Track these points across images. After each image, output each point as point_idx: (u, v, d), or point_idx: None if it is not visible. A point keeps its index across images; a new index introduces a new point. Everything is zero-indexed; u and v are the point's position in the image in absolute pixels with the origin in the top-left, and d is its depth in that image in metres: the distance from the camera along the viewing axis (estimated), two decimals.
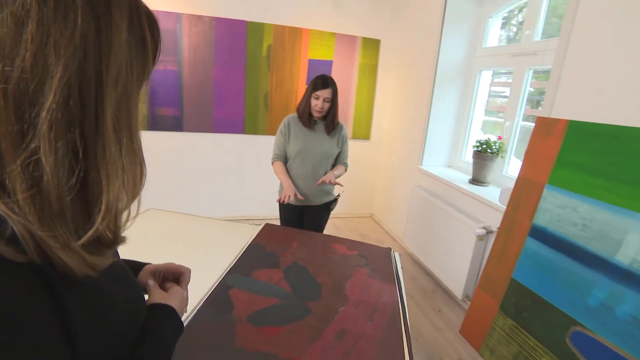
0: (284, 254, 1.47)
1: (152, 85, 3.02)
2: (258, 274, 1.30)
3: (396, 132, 3.45)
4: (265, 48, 3.17)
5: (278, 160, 1.96)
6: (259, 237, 1.61)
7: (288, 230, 1.74)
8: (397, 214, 3.38)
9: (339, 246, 1.60)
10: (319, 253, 1.51)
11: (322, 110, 1.81)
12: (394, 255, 1.58)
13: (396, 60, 3.46)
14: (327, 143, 1.91)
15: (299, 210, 2.02)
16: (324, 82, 1.78)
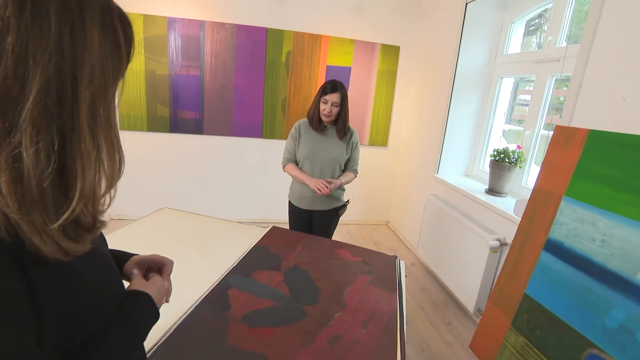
0: (286, 256, 1.48)
1: (175, 89, 3.13)
2: (258, 275, 1.31)
3: (413, 139, 3.40)
4: (285, 54, 3.23)
5: (289, 163, 1.97)
6: (265, 240, 1.62)
7: (294, 234, 1.74)
8: (412, 223, 3.32)
9: (344, 252, 1.59)
10: (322, 258, 1.51)
11: (331, 114, 1.82)
12: (398, 264, 1.55)
13: (415, 67, 3.42)
14: (337, 148, 1.90)
15: (307, 214, 2.02)
16: (332, 87, 1.79)
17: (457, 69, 2.64)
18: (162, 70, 3.07)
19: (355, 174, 2.02)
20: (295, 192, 2.01)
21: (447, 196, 2.68)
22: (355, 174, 2.02)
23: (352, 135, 1.95)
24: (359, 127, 3.54)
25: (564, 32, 2.00)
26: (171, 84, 3.12)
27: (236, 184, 3.50)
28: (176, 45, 3.03)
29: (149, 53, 3.01)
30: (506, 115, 2.65)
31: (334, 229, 2.09)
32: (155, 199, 3.38)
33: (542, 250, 1.59)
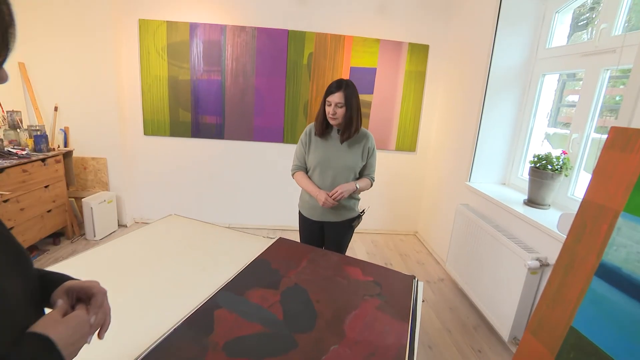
0: (288, 273, 1.34)
1: (196, 95, 3.13)
2: (252, 294, 1.18)
3: (443, 144, 3.14)
4: (307, 56, 3.12)
5: (299, 171, 1.84)
6: (268, 252, 1.49)
7: (301, 247, 1.60)
8: (441, 234, 3.06)
9: (353, 269, 1.42)
10: (327, 275, 1.35)
11: (336, 116, 1.65)
12: (415, 286, 1.35)
13: (446, 66, 3.17)
14: (350, 155, 1.73)
15: (319, 226, 1.87)
16: (336, 86, 1.63)
17: (491, 67, 2.39)
18: (184, 76, 3.08)
19: (372, 181, 1.84)
20: (305, 202, 1.87)
21: (480, 207, 2.41)
22: (372, 181, 1.84)
23: (368, 140, 1.77)
24: (385, 131, 3.34)
25: (621, 18, 1.71)
26: (193, 89, 3.12)
27: (256, 190, 3.42)
28: (198, 51, 3.03)
29: (172, 59, 3.03)
30: (550, 117, 2.34)
31: (348, 242, 1.92)
32: (176, 203, 3.40)
33: (594, 275, 1.33)
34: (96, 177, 3.12)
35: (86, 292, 0.56)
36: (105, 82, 2.92)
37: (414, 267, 2.94)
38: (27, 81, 2.84)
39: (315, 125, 1.75)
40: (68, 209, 2.84)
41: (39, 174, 2.49)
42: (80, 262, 1.33)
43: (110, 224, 3.08)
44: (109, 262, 1.35)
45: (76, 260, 1.34)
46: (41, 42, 2.82)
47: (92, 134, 3.02)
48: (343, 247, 1.90)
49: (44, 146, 2.59)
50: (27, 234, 2.44)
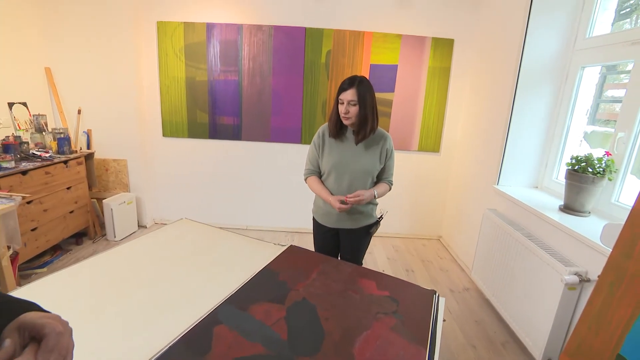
0: (296, 285, 1.25)
1: (213, 95, 3.11)
2: (256, 308, 1.10)
3: (470, 144, 2.95)
4: (325, 54, 3.02)
5: (312, 175, 1.74)
6: (276, 262, 1.41)
7: (313, 256, 1.51)
8: (467, 240, 2.88)
9: (368, 282, 1.31)
10: (338, 289, 1.25)
11: (349, 115, 1.54)
12: (436, 302, 1.23)
13: (473, 62, 2.98)
14: (367, 157, 1.62)
15: (334, 233, 1.77)
16: (348, 82, 1.52)
17: (522, 60, 2.20)
18: (201, 77, 3.06)
19: (389, 185, 1.71)
20: (319, 208, 1.77)
21: (510, 212, 2.23)
22: (390, 185, 1.72)
23: (386, 141, 1.65)
24: (407, 131, 3.19)
25: None
26: (210, 90, 3.10)
27: (274, 191, 3.37)
28: (215, 51, 3.00)
29: (189, 60, 3.02)
30: (589, 114, 2.12)
31: (365, 250, 1.81)
32: (195, 204, 3.40)
33: None
34: (117, 178, 3.16)
35: (38, 331, 0.48)
36: (125, 84, 2.95)
37: (437, 275, 2.78)
38: (53, 85, 2.91)
39: (329, 125, 1.65)
40: (90, 210, 2.90)
41: (61, 176, 2.54)
42: (79, 270, 1.30)
43: (130, 224, 3.12)
44: (109, 270, 1.31)
45: (77, 268, 1.31)
46: (66, 47, 2.89)
47: (113, 136, 3.07)
48: (360, 255, 1.80)
49: (67, 148, 2.65)
50: (50, 234, 2.49)
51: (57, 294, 1.14)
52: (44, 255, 2.59)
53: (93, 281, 1.23)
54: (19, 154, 2.38)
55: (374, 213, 1.76)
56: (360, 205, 1.65)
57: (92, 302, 1.10)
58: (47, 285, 1.18)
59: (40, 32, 2.85)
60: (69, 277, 1.24)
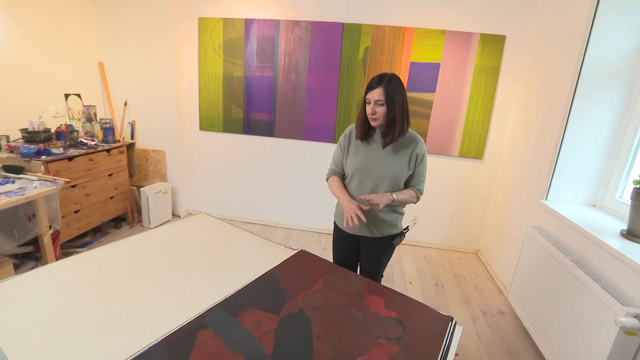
0: (296, 294, 1.16)
1: (249, 91, 3.12)
2: (247, 316, 1.03)
3: (517, 151, 2.65)
4: (362, 51, 2.90)
5: (333, 176, 1.65)
6: (281, 267, 1.34)
7: (321, 264, 1.41)
8: (507, 258, 2.60)
9: (375, 299, 1.19)
10: (341, 303, 1.14)
11: (376, 116, 1.42)
12: (451, 330, 1.07)
13: (525, 61, 2.68)
14: (394, 162, 1.48)
15: (354, 240, 1.65)
16: (376, 81, 1.39)
17: (585, 59, 1.90)
18: (238, 72, 3.09)
19: (418, 194, 1.55)
20: (340, 212, 1.67)
21: (558, 232, 1.95)
22: (419, 194, 1.55)
23: (417, 145, 1.50)
24: (447, 135, 2.96)
25: None
26: (246, 86, 3.12)
27: (304, 190, 3.32)
28: (252, 47, 3.01)
29: (227, 56, 3.06)
30: None
31: (386, 262, 1.67)
32: (226, 198, 3.47)
33: None
34: (156, 168, 3.31)
35: None
36: (167, 79, 3.06)
37: (469, 292, 2.54)
38: (104, 79, 3.11)
39: (356, 126, 1.54)
40: (129, 197, 3.06)
41: (103, 163, 2.70)
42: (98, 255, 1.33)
43: (165, 213, 3.25)
44: (118, 260, 1.33)
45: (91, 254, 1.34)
46: (117, 42, 3.07)
47: (154, 128, 3.21)
48: (380, 267, 1.66)
49: (111, 137, 2.81)
50: (92, 217, 2.66)
51: None
52: (85, 235, 2.77)
53: (90, 273, 1.24)
54: (68, 141, 2.56)
55: (399, 223, 1.61)
56: (383, 213, 1.52)
57: (84, 297, 1.11)
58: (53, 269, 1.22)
59: (95, 28, 3.05)
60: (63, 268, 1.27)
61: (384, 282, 2.58)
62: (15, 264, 2.12)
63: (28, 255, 2.26)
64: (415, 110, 2.95)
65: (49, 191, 2.02)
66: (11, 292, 1.08)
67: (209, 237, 1.59)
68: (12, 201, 1.80)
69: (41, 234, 2.08)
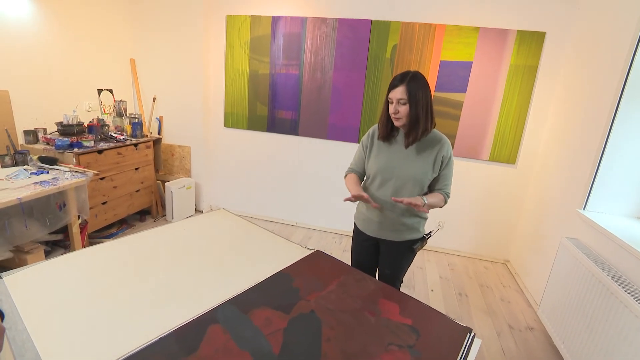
0: (309, 295, 1.16)
1: (274, 89, 3.16)
2: (258, 313, 1.04)
3: (554, 156, 2.52)
4: (390, 49, 2.86)
5: (351, 173, 1.63)
6: (295, 267, 1.34)
7: (337, 265, 1.41)
8: (538, 270, 2.47)
9: (390, 305, 1.17)
10: (354, 306, 1.13)
11: (399, 115, 1.39)
12: (468, 344, 1.03)
13: (567, 59, 2.53)
14: (418, 163, 1.44)
15: (374, 243, 1.63)
16: (399, 79, 1.36)
17: (634, 60, 1.78)
18: (263, 70, 3.14)
19: (446, 197, 1.50)
20: (360, 213, 1.66)
21: (597, 245, 1.83)
22: (446, 197, 1.50)
23: (442, 147, 1.45)
24: (478, 137, 2.86)
25: None
26: (271, 84, 3.16)
27: (327, 190, 3.31)
28: (278, 44, 3.05)
29: (254, 53, 3.11)
30: None
31: (406, 267, 1.63)
32: (248, 195, 3.53)
33: None
34: (181, 163, 3.42)
35: None
36: (194, 75, 3.16)
37: (496, 305, 2.44)
38: (135, 75, 3.26)
39: (379, 126, 1.52)
40: (154, 191, 3.18)
41: (130, 157, 2.82)
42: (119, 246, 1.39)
43: (188, 208, 3.35)
44: (139, 250, 1.38)
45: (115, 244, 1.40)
46: (147, 39, 3.21)
47: (180, 124, 3.32)
48: (399, 273, 1.63)
49: (139, 132, 2.93)
50: (118, 209, 2.79)
51: None
52: (112, 227, 2.91)
53: (112, 262, 1.30)
54: (99, 135, 2.71)
55: (421, 227, 1.57)
56: (403, 216, 1.49)
57: (104, 284, 1.16)
58: None
59: (127, 24, 3.20)
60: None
61: (404, 289, 2.53)
62: (46, 250, 2.26)
63: (58, 243, 2.40)
64: (444, 111, 2.87)
65: (79, 182, 2.14)
66: (41, 275, 1.15)
67: (226, 233, 1.62)
68: (45, 190, 1.92)
69: (70, 223, 2.20)
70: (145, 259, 1.32)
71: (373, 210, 1.55)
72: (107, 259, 1.30)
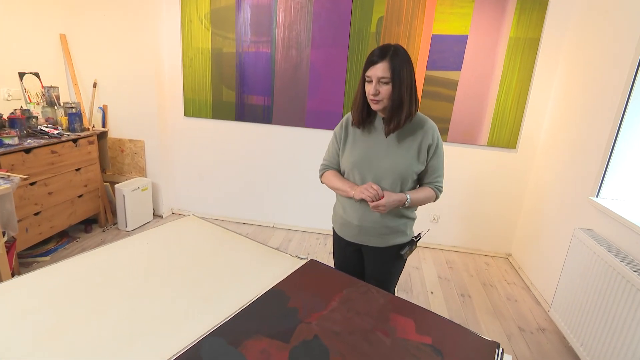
0: (309, 315, 1.08)
1: (242, 70, 3.02)
2: (251, 345, 0.95)
3: (561, 139, 2.57)
4: (375, 22, 2.80)
5: (328, 170, 1.57)
6: (289, 282, 1.26)
7: (336, 277, 1.33)
8: (547, 263, 2.53)
9: (404, 321, 1.11)
10: (364, 326, 1.06)
11: (380, 97, 1.29)
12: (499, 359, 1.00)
13: (573, 30, 2.57)
14: (399, 153, 1.37)
15: (357, 249, 1.57)
16: (378, 54, 1.26)
17: None
18: (228, 48, 2.99)
19: (437, 192, 1.45)
20: (337, 216, 1.58)
21: (615, 236, 1.87)
22: (438, 191, 1.45)
23: (427, 132, 1.37)
24: (475, 120, 2.88)
25: None
26: (238, 64, 3.02)
27: (308, 186, 3.24)
28: (245, 17, 2.91)
29: (216, 28, 2.95)
30: None
31: (396, 278, 1.58)
32: (217, 195, 3.41)
33: None
34: (133, 161, 3.22)
35: None
36: (143, 54, 2.96)
37: (502, 305, 2.48)
38: (68, 54, 3.00)
39: (352, 111, 1.43)
40: (102, 195, 2.97)
41: (69, 156, 2.60)
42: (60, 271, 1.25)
43: (144, 213, 3.17)
44: (88, 275, 1.24)
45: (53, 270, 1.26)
46: (83, 11, 2.95)
47: (130, 113, 3.12)
48: (389, 285, 1.57)
49: (78, 125, 2.71)
50: (56, 219, 2.57)
51: None
52: (49, 241, 2.69)
53: (51, 293, 1.16)
54: (25, 130, 2.46)
55: (409, 230, 1.51)
56: (386, 217, 1.42)
57: (41, 325, 1.03)
58: None
59: None
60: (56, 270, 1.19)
61: (401, 294, 2.52)
62: None
63: None
64: (437, 91, 2.86)
65: (2, 190, 1.92)
66: None
67: (199, 245, 1.51)
68: None
69: None
70: (99, 285, 1.19)
71: (350, 212, 1.48)
72: (46, 289, 1.15)
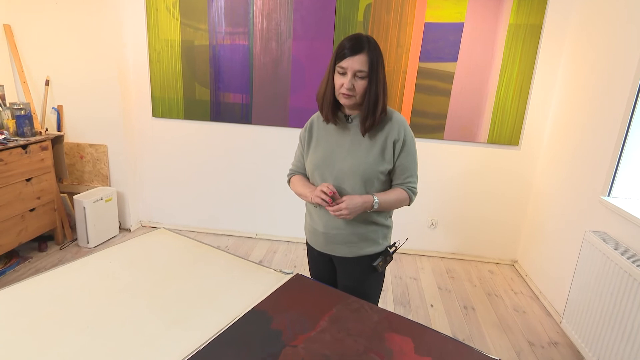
0: (295, 338, 1.04)
1: (216, 65, 2.99)
2: None
3: (567, 134, 2.59)
4: (362, 9, 2.81)
5: (295, 175, 1.57)
6: (272, 300, 1.21)
7: (325, 292, 1.29)
8: (557, 270, 2.54)
9: (401, 340, 1.08)
10: (356, 348, 1.02)
11: (353, 92, 1.26)
12: None
13: (579, 15, 2.61)
14: (361, 152, 1.34)
15: (328, 260, 1.53)
16: (355, 45, 1.23)
17: None
18: (201, 40, 2.96)
19: (410, 193, 1.41)
20: (307, 223, 1.58)
21: (630, 239, 1.88)
22: (411, 193, 1.41)
23: (392, 129, 1.34)
24: (473, 116, 2.90)
25: None
26: (212, 58, 2.99)
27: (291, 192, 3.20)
28: (218, 6, 2.89)
29: (186, 18, 2.92)
30: None
31: (376, 293, 1.52)
32: (191, 204, 3.39)
33: None
34: (95, 168, 3.15)
35: None
36: (104, 47, 2.91)
37: (509, 317, 2.47)
38: (14, 48, 2.92)
39: (320, 106, 1.38)
40: (58, 207, 2.88)
41: (18, 164, 2.52)
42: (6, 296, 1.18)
43: (109, 227, 3.09)
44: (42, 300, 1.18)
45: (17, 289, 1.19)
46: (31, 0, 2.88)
47: (90, 115, 3.07)
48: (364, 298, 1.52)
49: (28, 129, 2.63)
50: (3, 238, 2.47)
51: None
52: None
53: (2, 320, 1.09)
54: None
55: (381, 238, 1.45)
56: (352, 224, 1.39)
57: None
58: None
59: None
60: None
61: (398, 307, 2.50)
62: None
63: None
64: (432, 85, 2.87)
65: None
66: None
67: (171, 262, 1.46)
68: None
69: None
70: (53, 312, 1.12)
71: (316, 218, 1.45)
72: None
